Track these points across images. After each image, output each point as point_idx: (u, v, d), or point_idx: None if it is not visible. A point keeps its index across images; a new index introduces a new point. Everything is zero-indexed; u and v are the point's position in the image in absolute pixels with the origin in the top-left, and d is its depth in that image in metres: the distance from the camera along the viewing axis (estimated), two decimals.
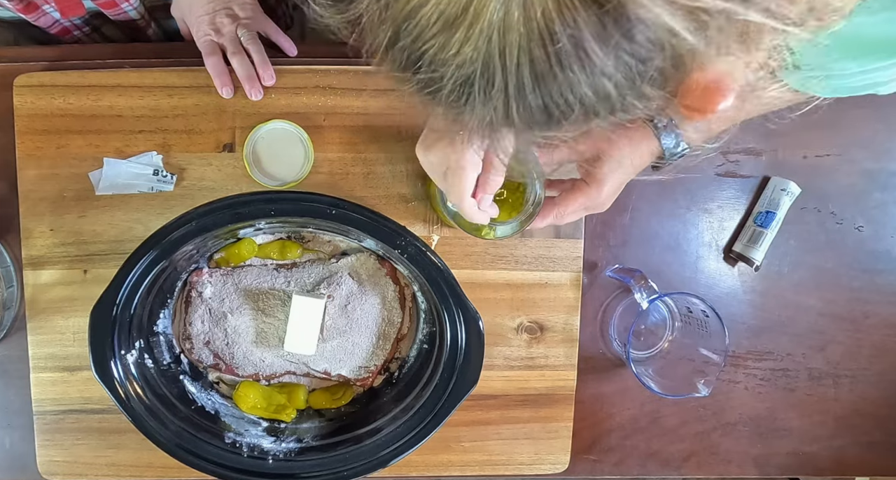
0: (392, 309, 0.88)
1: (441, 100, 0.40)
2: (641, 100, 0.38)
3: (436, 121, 0.64)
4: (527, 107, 0.38)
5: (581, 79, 0.36)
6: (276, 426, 0.88)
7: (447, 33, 0.36)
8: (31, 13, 0.87)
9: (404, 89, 0.43)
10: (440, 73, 0.38)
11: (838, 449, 0.98)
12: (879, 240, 0.97)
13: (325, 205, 0.77)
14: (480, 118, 0.40)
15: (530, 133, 0.41)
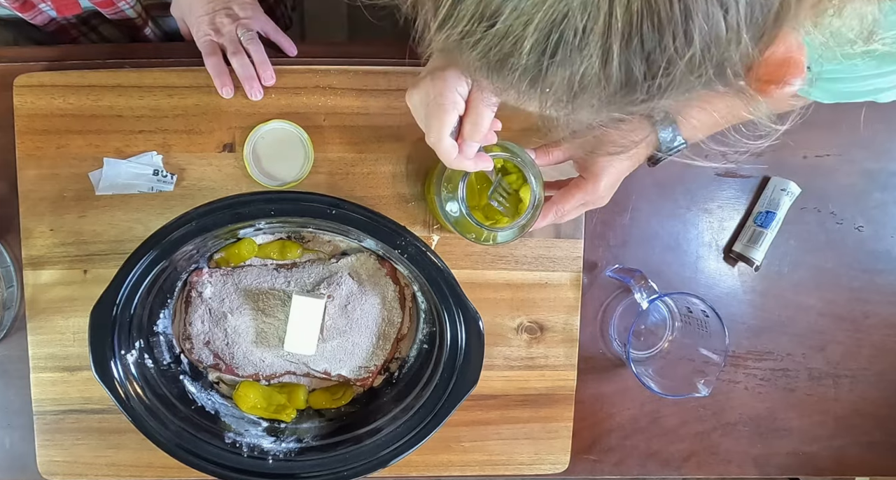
0: (392, 309, 0.88)
1: (517, 61, 0.36)
2: (732, 63, 0.35)
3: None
4: (629, 58, 0.34)
5: (700, 17, 0.33)
6: (276, 426, 0.88)
7: None
8: (27, 11, 0.87)
9: (466, 58, 0.39)
10: (524, 19, 0.34)
11: (838, 449, 0.98)
12: (879, 240, 0.97)
13: (325, 205, 0.77)
14: (562, 81, 0.36)
15: (613, 101, 0.37)
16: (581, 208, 0.79)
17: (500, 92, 0.42)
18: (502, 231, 0.79)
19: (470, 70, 0.40)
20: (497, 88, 0.41)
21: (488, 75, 0.39)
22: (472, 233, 0.80)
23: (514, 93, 0.40)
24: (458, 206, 0.77)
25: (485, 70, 0.39)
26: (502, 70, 0.37)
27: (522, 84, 0.38)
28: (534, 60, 0.36)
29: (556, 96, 0.38)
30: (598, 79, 0.35)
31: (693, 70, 0.35)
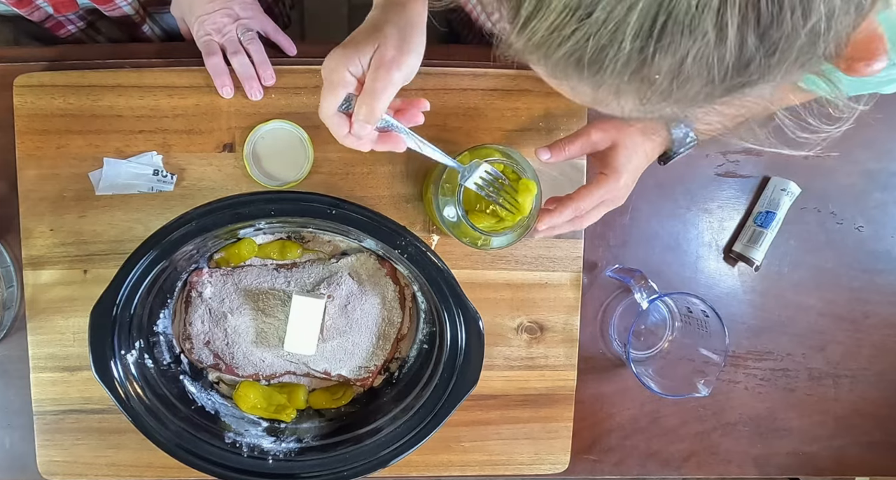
0: (392, 309, 0.88)
1: (617, 52, 0.34)
2: (839, 39, 0.34)
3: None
4: (744, 34, 0.32)
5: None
6: (276, 426, 0.88)
7: None
8: (24, 7, 0.87)
9: (551, 58, 0.36)
10: (627, 3, 0.32)
11: (838, 449, 0.98)
12: (879, 240, 0.97)
13: (325, 205, 0.77)
14: (669, 68, 0.34)
15: (716, 88, 0.35)
16: (601, 207, 0.79)
17: (580, 91, 0.39)
18: (498, 236, 0.79)
19: (555, 71, 0.38)
20: (578, 87, 0.38)
21: (578, 73, 0.36)
22: (468, 237, 0.80)
23: (606, 91, 0.37)
24: (455, 210, 0.77)
25: (574, 68, 0.36)
26: (597, 64, 0.35)
27: (622, 77, 0.35)
28: (638, 48, 0.33)
29: (660, 88, 0.36)
30: (710, 61, 0.33)
31: (807, 46, 0.33)
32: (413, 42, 0.61)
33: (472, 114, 0.88)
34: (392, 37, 0.60)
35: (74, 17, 0.93)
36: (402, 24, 0.61)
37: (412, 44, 0.61)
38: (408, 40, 0.60)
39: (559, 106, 0.89)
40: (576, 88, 0.39)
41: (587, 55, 0.35)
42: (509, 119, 0.89)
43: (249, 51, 0.84)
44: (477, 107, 0.88)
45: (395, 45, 0.60)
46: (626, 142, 0.76)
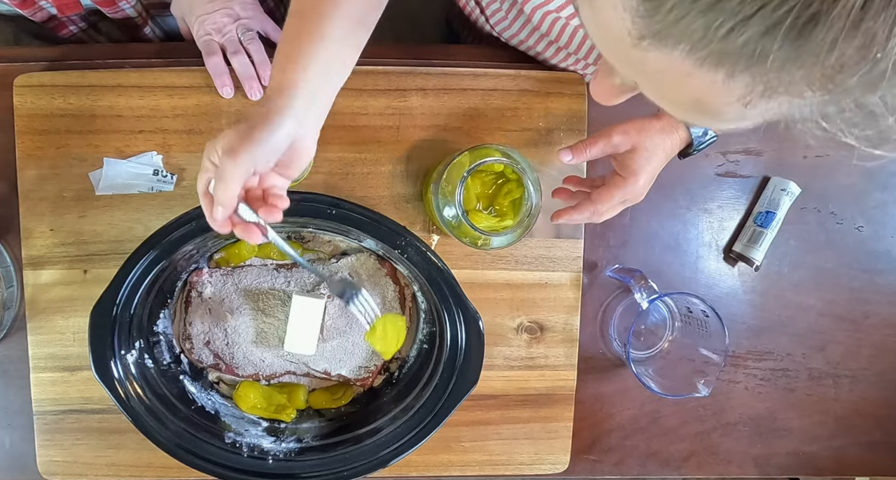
0: (392, 309, 0.88)
1: (833, 19, 0.29)
2: None
3: None
4: None
5: None
6: (276, 426, 0.88)
7: None
8: (27, 8, 0.87)
9: (727, 43, 0.32)
10: None
11: (838, 449, 0.98)
12: (879, 240, 0.97)
13: (325, 205, 0.77)
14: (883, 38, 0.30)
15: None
16: (619, 206, 0.80)
17: (727, 87, 0.34)
18: (498, 236, 0.79)
19: (718, 58, 0.33)
20: (729, 81, 0.34)
21: (773, 56, 0.31)
22: (468, 237, 0.80)
23: (794, 86, 0.33)
24: (454, 210, 0.77)
25: (766, 51, 0.31)
26: (803, 43, 0.30)
27: (829, 59, 0.31)
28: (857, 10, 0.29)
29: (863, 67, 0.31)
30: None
31: None
32: (257, 135, 0.61)
33: (472, 114, 0.88)
34: (238, 129, 0.61)
35: (77, 17, 0.93)
36: (256, 118, 0.62)
37: (257, 135, 0.61)
38: (252, 132, 0.61)
39: (559, 106, 0.89)
40: (725, 82, 0.34)
41: (786, 32, 0.30)
42: (509, 119, 0.89)
43: (249, 51, 0.84)
44: (477, 107, 0.88)
45: (238, 136, 0.61)
46: (646, 143, 0.76)
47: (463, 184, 0.76)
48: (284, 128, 0.62)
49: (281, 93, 0.62)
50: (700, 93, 0.36)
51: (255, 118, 0.62)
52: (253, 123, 0.61)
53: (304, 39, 0.63)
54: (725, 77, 0.33)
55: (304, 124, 0.64)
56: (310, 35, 0.62)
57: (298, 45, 0.63)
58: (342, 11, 0.63)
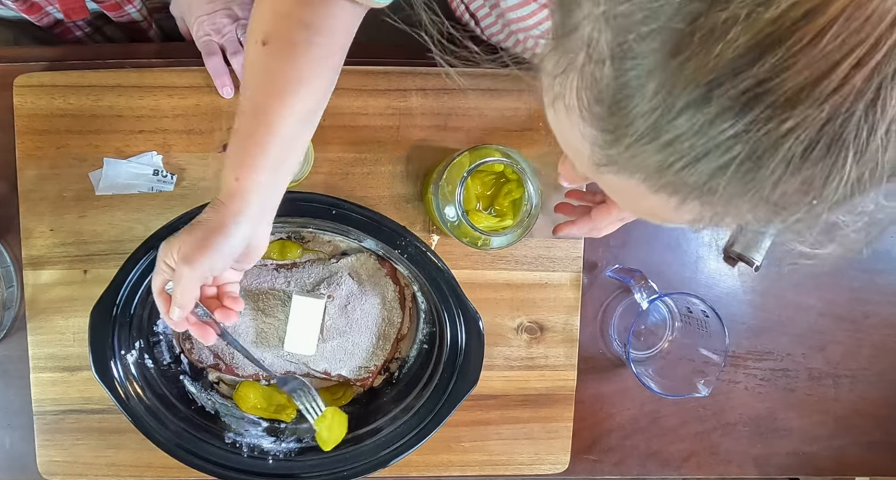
0: (392, 309, 0.88)
1: (794, 162, 0.32)
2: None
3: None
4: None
5: None
6: (276, 426, 0.88)
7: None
8: (34, 14, 0.87)
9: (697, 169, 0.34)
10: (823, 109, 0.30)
11: (838, 449, 0.98)
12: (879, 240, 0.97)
13: (325, 205, 0.77)
14: (841, 185, 0.33)
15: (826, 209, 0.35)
16: (618, 223, 0.80)
17: (682, 210, 0.37)
18: (498, 236, 0.79)
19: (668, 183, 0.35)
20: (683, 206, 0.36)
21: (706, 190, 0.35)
22: (468, 237, 0.80)
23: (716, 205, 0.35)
24: (454, 210, 0.77)
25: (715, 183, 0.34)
26: (748, 182, 0.33)
27: (772, 196, 0.34)
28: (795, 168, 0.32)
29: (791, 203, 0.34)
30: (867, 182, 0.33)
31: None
32: (213, 243, 0.63)
33: (472, 114, 0.88)
34: (195, 236, 0.63)
35: (83, 23, 0.93)
36: (211, 224, 0.63)
37: (214, 243, 0.63)
38: (209, 241, 0.62)
39: None
40: (677, 207, 0.37)
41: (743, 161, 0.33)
42: (509, 119, 0.89)
43: None
44: (477, 107, 0.88)
45: (195, 243, 0.63)
46: None
47: (463, 184, 0.76)
48: (240, 234, 0.64)
49: (234, 199, 0.63)
50: (654, 210, 0.38)
51: (209, 223, 0.63)
52: (208, 230, 0.63)
53: (255, 141, 0.62)
54: (678, 203, 0.36)
55: (258, 226, 0.65)
56: (262, 137, 0.62)
57: (250, 147, 0.62)
58: (293, 110, 0.62)
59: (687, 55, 0.31)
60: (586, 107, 0.36)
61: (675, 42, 0.31)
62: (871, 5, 0.29)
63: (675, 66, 0.31)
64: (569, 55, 0.36)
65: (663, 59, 0.32)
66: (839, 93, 0.30)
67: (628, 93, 0.34)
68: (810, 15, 0.29)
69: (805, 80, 0.30)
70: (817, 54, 0.30)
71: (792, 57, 0.30)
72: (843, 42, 0.29)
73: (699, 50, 0.31)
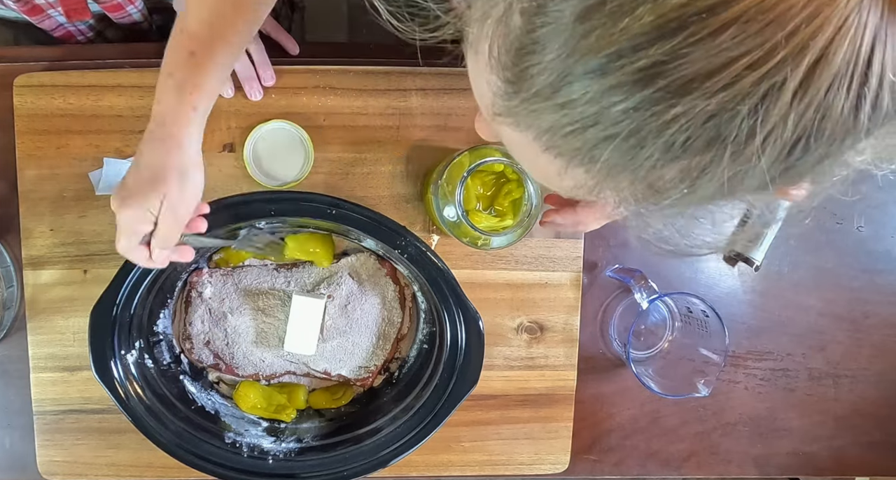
0: (392, 309, 0.88)
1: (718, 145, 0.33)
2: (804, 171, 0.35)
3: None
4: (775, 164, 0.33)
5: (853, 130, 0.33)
6: (276, 426, 0.88)
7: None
8: (35, 15, 0.87)
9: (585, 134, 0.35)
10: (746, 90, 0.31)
11: (838, 449, 0.98)
12: (879, 240, 0.97)
13: (325, 205, 0.77)
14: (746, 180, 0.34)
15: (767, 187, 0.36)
16: (604, 220, 0.80)
17: (569, 174, 0.38)
18: (498, 236, 0.79)
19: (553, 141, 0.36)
20: (570, 171, 0.37)
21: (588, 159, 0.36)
22: (468, 237, 0.80)
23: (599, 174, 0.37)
24: (454, 210, 0.77)
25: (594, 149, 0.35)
26: (630, 159, 0.34)
27: (649, 177, 0.35)
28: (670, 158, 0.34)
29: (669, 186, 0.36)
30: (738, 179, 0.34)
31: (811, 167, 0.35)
32: (193, 180, 0.66)
33: (472, 114, 0.88)
34: (174, 184, 0.64)
35: (84, 27, 0.93)
36: (182, 168, 0.65)
37: (192, 181, 0.66)
38: (188, 180, 0.65)
39: None
40: (561, 171, 0.38)
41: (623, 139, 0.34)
42: None
43: (249, 51, 0.84)
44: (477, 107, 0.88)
45: (178, 188, 0.65)
46: None
47: (463, 184, 0.76)
48: (201, 162, 0.67)
49: (189, 125, 0.65)
50: (542, 170, 0.39)
51: (177, 169, 0.65)
52: (183, 175, 0.65)
53: (207, 64, 0.64)
54: (562, 166, 0.37)
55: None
56: (215, 59, 0.64)
57: (203, 68, 0.64)
58: (246, 30, 0.66)
59: (594, 23, 0.32)
60: (495, 55, 0.37)
61: (586, 8, 0.32)
62: (775, 11, 0.30)
63: (582, 32, 0.32)
64: (491, 1, 0.37)
65: (572, 23, 0.32)
66: (728, 91, 0.31)
67: (534, 49, 0.34)
68: (715, 8, 0.30)
69: (698, 70, 0.31)
70: (714, 48, 0.30)
71: (690, 46, 0.30)
72: (740, 42, 0.30)
73: (606, 20, 0.31)
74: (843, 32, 0.30)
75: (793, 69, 0.30)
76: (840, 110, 0.31)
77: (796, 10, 0.29)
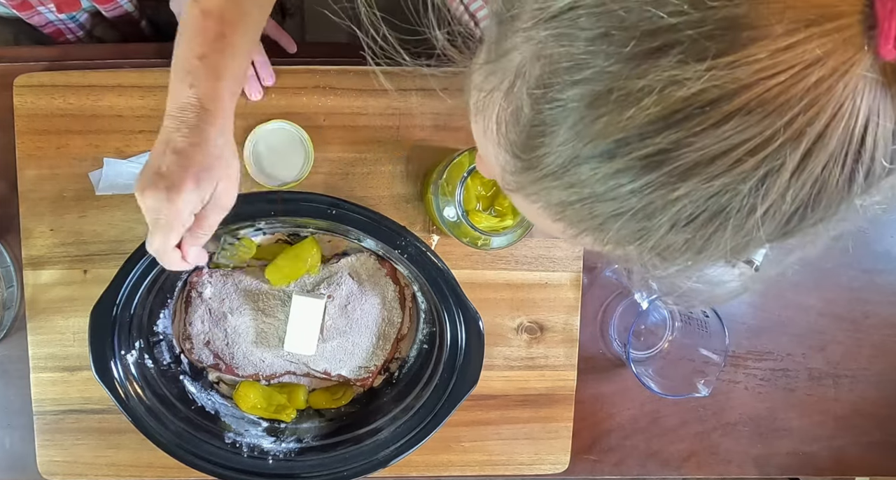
0: (392, 309, 0.88)
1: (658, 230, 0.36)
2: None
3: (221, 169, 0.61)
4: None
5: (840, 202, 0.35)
6: (276, 426, 0.88)
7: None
8: (25, 11, 0.87)
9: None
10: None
11: (838, 449, 0.98)
12: (879, 240, 0.97)
13: (325, 205, 0.77)
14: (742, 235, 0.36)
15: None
16: None
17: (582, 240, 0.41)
18: (498, 236, 0.79)
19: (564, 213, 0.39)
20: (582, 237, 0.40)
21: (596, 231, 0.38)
22: (468, 237, 0.80)
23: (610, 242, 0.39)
24: (454, 210, 0.77)
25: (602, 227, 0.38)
26: (641, 228, 0.37)
27: (659, 246, 0.38)
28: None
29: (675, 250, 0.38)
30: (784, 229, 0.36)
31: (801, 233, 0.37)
32: (236, 167, 0.64)
33: None
34: (223, 170, 0.62)
35: (74, 25, 0.93)
36: (227, 153, 0.63)
37: (236, 168, 0.64)
38: (233, 167, 0.64)
39: None
40: (573, 236, 0.40)
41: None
42: None
43: None
44: None
45: (227, 175, 0.63)
46: None
47: (463, 184, 0.76)
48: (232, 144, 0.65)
49: (216, 110, 0.62)
50: (553, 233, 0.42)
51: (230, 151, 0.63)
52: (229, 155, 0.63)
53: (226, 52, 0.62)
54: (574, 234, 0.39)
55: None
56: (239, 39, 0.63)
57: (224, 51, 0.62)
58: (256, 25, 0.65)
59: (602, 111, 0.33)
60: (503, 131, 0.38)
61: (594, 97, 0.33)
62: (775, 103, 0.31)
63: (590, 118, 0.34)
64: (498, 75, 0.38)
65: (581, 109, 0.34)
66: (729, 174, 0.33)
67: (543, 131, 0.36)
68: (717, 102, 0.32)
69: (701, 156, 0.33)
70: (717, 136, 0.32)
71: (694, 136, 0.32)
72: (741, 131, 0.32)
73: (613, 109, 0.33)
74: (839, 117, 0.32)
75: (791, 152, 0.32)
76: (835, 183, 0.34)
77: (795, 101, 0.31)
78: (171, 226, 0.60)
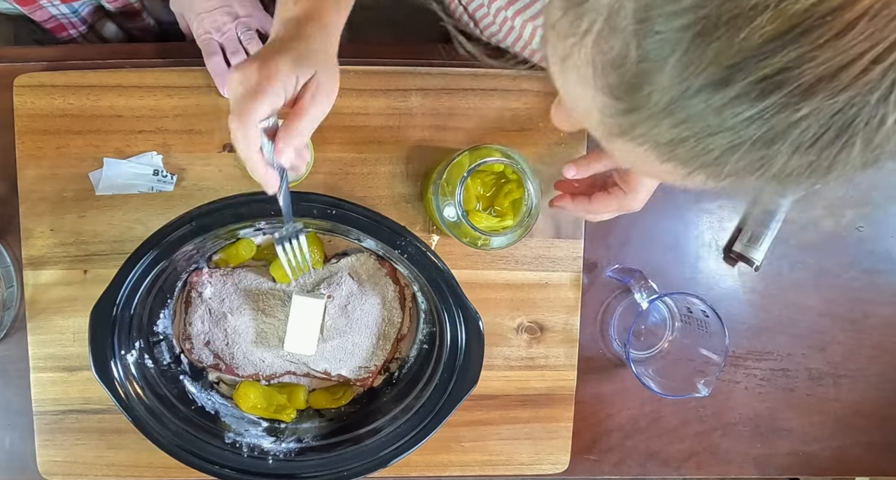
0: (392, 309, 0.88)
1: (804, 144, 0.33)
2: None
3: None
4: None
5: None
6: (276, 426, 0.88)
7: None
8: (27, 5, 0.87)
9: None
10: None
11: (838, 449, 0.98)
12: (879, 240, 0.97)
13: (325, 205, 0.77)
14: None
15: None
16: (616, 212, 0.80)
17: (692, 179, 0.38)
18: (498, 236, 0.79)
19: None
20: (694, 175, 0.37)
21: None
22: (468, 237, 0.80)
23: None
24: (454, 210, 0.77)
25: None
26: (763, 156, 0.34)
27: (784, 170, 0.35)
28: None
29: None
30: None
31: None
32: (336, 80, 0.61)
33: (472, 114, 0.88)
34: (323, 66, 0.59)
35: (76, 19, 0.93)
36: (331, 58, 0.60)
37: (336, 81, 0.61)
38: (333, 77, 0.60)
39: None
40: (684, 176, 0.38)
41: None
42: (509, 119, 0.89)
43: (249, 50, 0.84)
44: (477, 107, 0.88)
45: (327, 75, 0.59)
46: None
47: (463, 184, 0.76)
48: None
49: (338, 17, 0.60)
50: (661, 176, 0.39)
51: (326, 53, 0.59)
52: (333, 63, 0.59)
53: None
54: (685, 173, 0.37)
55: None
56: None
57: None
58: None
59: (711, 37, 0.31)
60: (600, 74, 0.36)
61: (701, 23, 0.31)
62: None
63: (698, 47, 0.32)
64: (586, 18, 0.36)
65: (687, 39, 0.32)
66: (854, 86, 0.31)
67: (647, 68, 0.34)
68: (838, 10, 0.30)
69: (824, 71, 0.31)
70: (840, 48, 0.30)
71: (816, 49, 0.30)
72: (866, 38, 0.30)
73: (724, 33, 0.31)
74: None
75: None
76: None
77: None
78: (260, 89, 0.55)
